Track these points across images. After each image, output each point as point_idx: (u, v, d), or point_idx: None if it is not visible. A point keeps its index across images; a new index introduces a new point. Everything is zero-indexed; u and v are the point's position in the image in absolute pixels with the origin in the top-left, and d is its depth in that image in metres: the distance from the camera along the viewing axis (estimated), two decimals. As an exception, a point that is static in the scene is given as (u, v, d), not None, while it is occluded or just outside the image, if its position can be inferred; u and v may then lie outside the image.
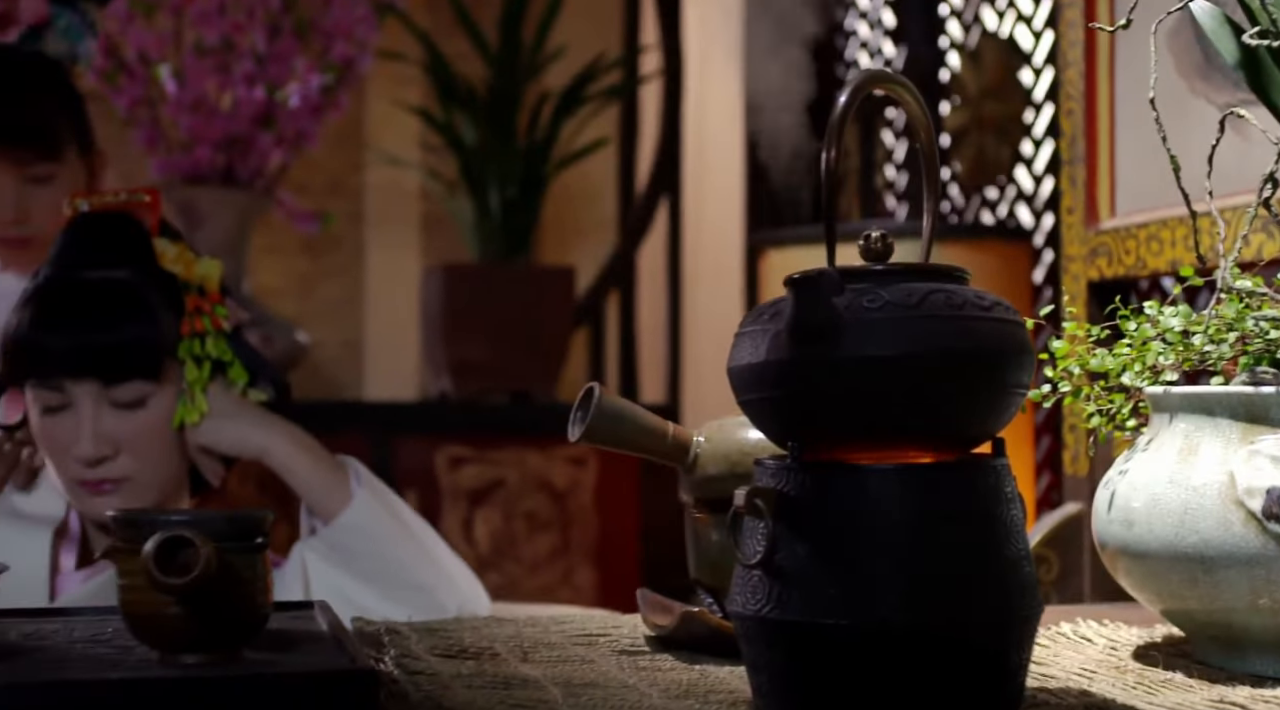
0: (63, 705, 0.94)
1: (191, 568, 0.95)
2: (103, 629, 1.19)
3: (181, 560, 0.96)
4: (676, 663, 1.33)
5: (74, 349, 1.73)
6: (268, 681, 0.95)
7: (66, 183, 2.22)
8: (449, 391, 3.60)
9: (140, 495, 1.76)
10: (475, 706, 1.08)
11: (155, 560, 0.94)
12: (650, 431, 1.39)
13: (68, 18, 2.21)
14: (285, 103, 3.50)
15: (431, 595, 1.79)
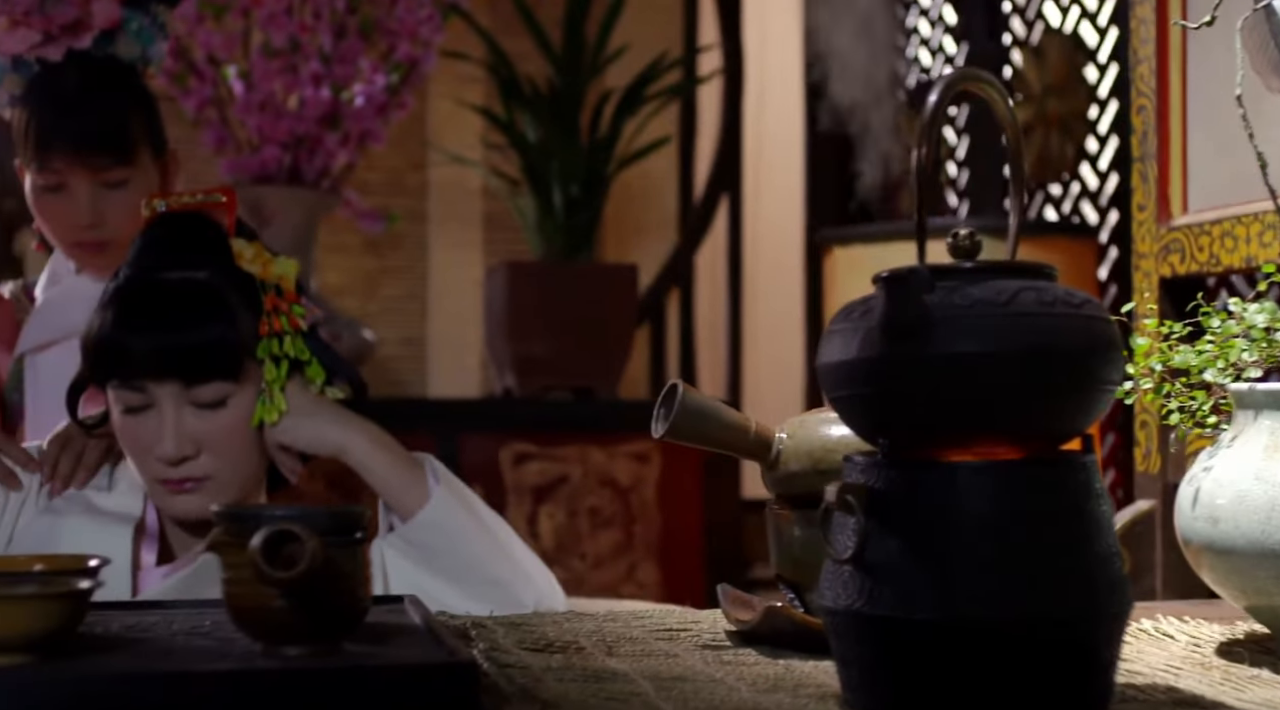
0: (174, 695, 0.96)
1: (297, 562, 0.97)
2: (200, 622, 1.21)
3: (287, 554, 0.98)
4: (760, 657, 1.34)
5: (156, 350, 1.73)
6: (372, 673, 0.96)
7: (141, 186, 2.23)
8: (513, 388, 3.63)
9: (221, 493, 1.78)
10: (570, 699, 1.10)
11: (263, 554, 0.96)
12: (733, 428, 1.40)
13: (139, 21, 2.22)
14: (351, 102, 3.53)
15: (509, 590, 1.79)
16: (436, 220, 4.57)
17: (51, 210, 2.20)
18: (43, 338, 2.27)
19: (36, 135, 2.16)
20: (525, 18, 3.69)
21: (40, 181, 2.18)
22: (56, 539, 1.78)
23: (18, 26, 2.17)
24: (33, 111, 2.18)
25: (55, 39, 2.18)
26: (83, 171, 2.17)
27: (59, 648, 1.03)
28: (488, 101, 4.11)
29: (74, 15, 2.17)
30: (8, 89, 2.23)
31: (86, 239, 2.22)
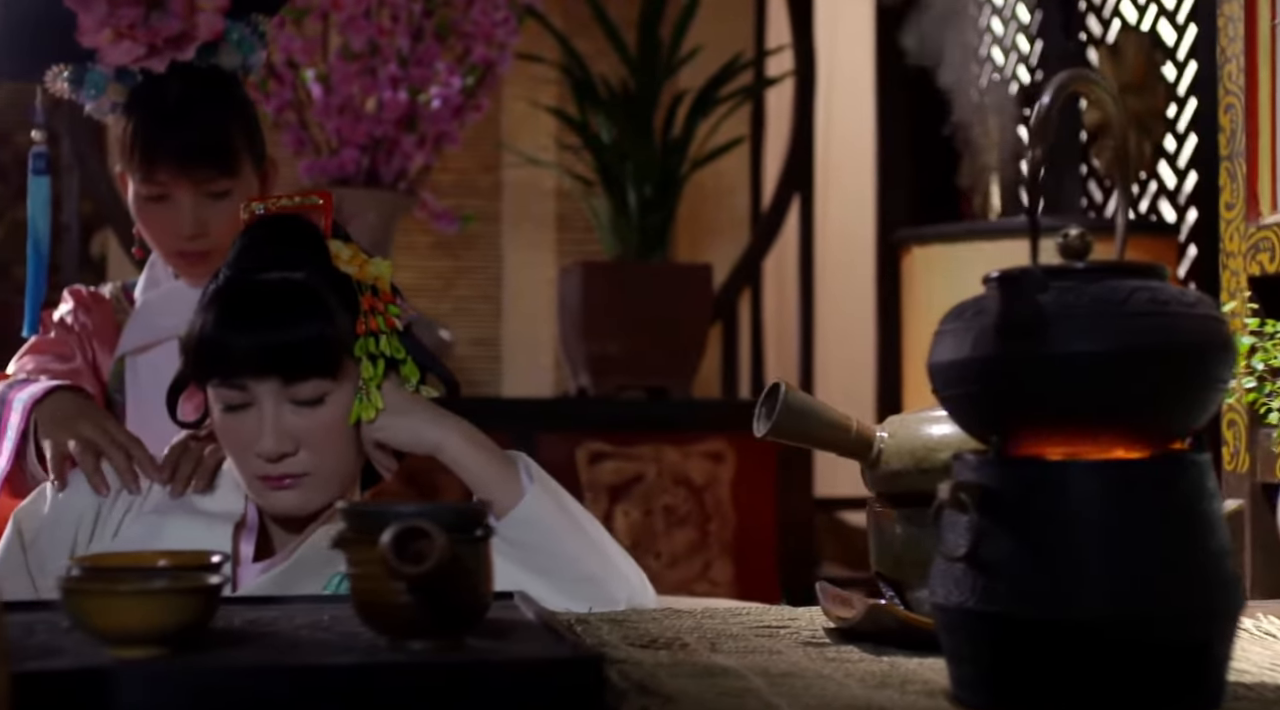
0: (303, 688, 0.98)
1: (425, 557, 0.99)
2: (320, 616, 1.23)
3: (415, 550, 1.00)
4: (864, 654, 1.35)
5: (257, 348, 1.75)
6: (501, 668, 0.98)
7: (242, 196, 2.24)
8: (588, 388, 3.65)
9: (319, 490, 1.80)
10: (687, 695, 1.11)
11: (393, 550, 0.98)
12: (835, 426, 1.42)
13: (240, 31, 2.24)
14: (427, 105, 3.56)
15: (602, 587, 1.81)
16: (510, 221, 4.60)
17: (155, 220, 2.23)
18: (142, 339, 2.31)
19: (141, 147, 2.18)
20: (600, 20, 3.71)
21: (144, 191, 2.21)
22: (159, 538, 1.80)
23: (122, 39, 2.20)
24: (137, 122, 2.20)
25: (159, 51, 2.20)
26: (187, 183, 2.19)
27: (190, 641, 1.06)
28: (560, 103, 4.13)
29: (179, 28, 2.19)
30: (111, 97, 2.25)
31: (189, 249, 2.24)
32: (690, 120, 3.71)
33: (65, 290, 2.36)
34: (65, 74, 2.24)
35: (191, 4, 2.22)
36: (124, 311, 2.34)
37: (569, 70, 3.77)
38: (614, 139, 3.69)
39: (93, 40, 2.20)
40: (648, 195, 3.67)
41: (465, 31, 3.58)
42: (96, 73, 2.23)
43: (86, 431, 1.89)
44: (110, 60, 2.20)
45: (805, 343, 4.16)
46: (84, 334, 2.31)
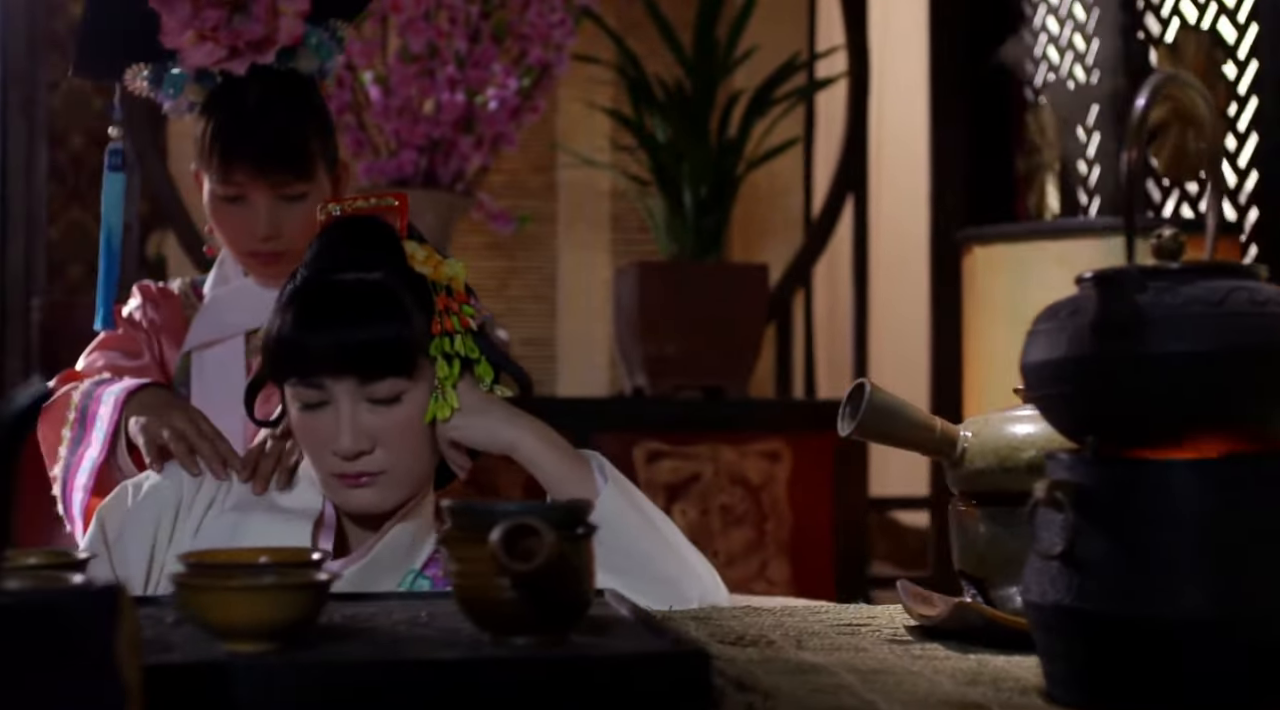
0: (414, 682, 1.00)
1: (534, 554, 1.01)
2: (417, 613, 1.25)
3: (523, 547, 1.01)
4: (949, 651, 1.36)
5: (335, 347, 1.76)
6: (610, 663, 1.00)
7: (317, 199, 2.26)
8: (644, 387, 3.66)
9: (394, 488, 1.81)
10: (783, 691, 1.12)
11: (504, 547, 0.99)
12: (919, 426, 1.43)
13: (318, 35, 2.26)
14: (484, 106, 3.58)
15: (676, 587, 1.82)
16: (565, 221, 4.62)
17: (230, 220, 2.25)
18: (209, 335, 2.33)
19: (220, 148, 2.20)
20: (657, 21, 3.72)
21: (220, 192, 2.23)
22: (241, 534, 1.82)
23: (205, 41, 2.22)
24: (216, 123, 2.22)
25: (240, 54, 2.22)
26: (263, 185, 2.21)
27: (297, 637, 1.08)
28: (615, 103, 4.15)
29: (261, 32, 2.21)
30: (189, 97, 2.28)
31: (262, 250, 2.26)
32: (746, 121, 3.72)
33: (134, 286, 2.39)
34: (145, 73, 2.27)
35: (273, 8, 2.24)
36: (192, 307, 2.37)
37: (624, 71, 3.78)
38: (669, 139, 3.70)
39: (175, 41, 2.23)
40: (703, 196, 3.68)
41: (521, 33, 3.60)
42: (176, 73, 2.26)
43: (178, 422, 1.92)
44: (192, 62, 2.23)
45: (859, 343, 4.16)
46: (152, 329, 2.34)
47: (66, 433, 2.12)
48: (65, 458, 2.09)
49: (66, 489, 2.09)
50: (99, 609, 0.84)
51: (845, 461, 3.66)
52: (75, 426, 2.11)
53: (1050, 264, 2.73)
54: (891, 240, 4.56)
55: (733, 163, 3.71)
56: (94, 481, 2.05)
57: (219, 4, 2.22)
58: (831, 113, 4.98)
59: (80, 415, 2.10)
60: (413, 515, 1.84)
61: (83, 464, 2.06)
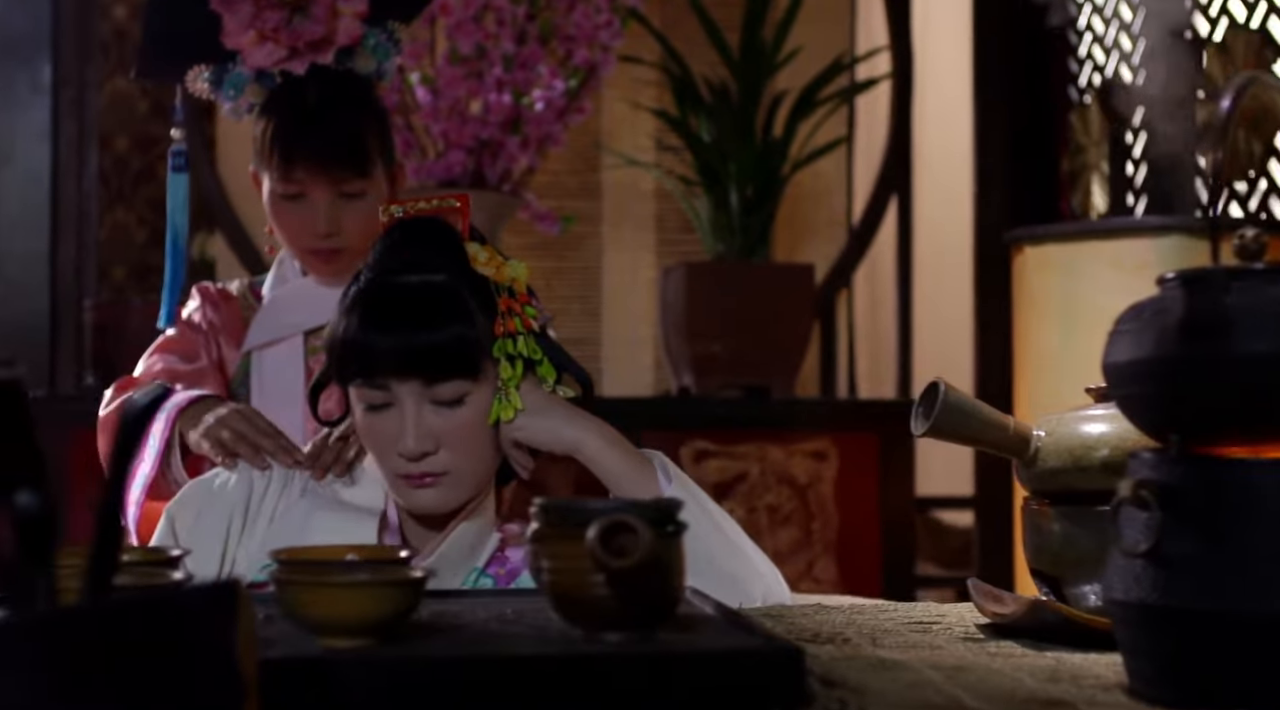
0: (513, 678, 1.01)
1: (629, 551, 1.02)
2: (502, 609, 1.27)
3: (618, 544, 1.03)
4: (1025, 649, 1.37)
5: (400, 349, 1.77)
6: (708, 658, 1.01)
7: (375, 197, 2.30)
8: (690, 387, 3.68)
9: (458, 488, 1.82)
10: (871, 687, 1.14)
11: (601, 544, 1.01)
12: (993, 425, 1.44)
13: (376, 36, 2.29)
14: (531, 107, 3.60)
15: (741, 586, 1.82)
16: (609, 221, 4.64)
17: (290, 218, 2.28)
18: (268, 336, 2.36)
19: (281, 146, 2.23)
20: (704, 22, 3.73)
21: (281, 190, 2.26)
22: (310, 530, 1.84)
23: (265, 41, 2.25)
24: (277, 122, 2.25)
25: (300, 54, 2.25)
26: (323, 182, 2.24)
27: (394, 633, 1.09)
28: (659, 103, 4.16)
29: (320, 32, 2.24)
30: (249, 98, 2.31)
31: (322, 247, 2.29)
32: (791, 121, 3.73)
33: (194, 287, 2.41)
34: (206, 75, 2.30)
35: (333, 9, 2.27)
36: (251, 308, 2.39)
37: (670, 72, 3.79)
38: (714, 139, 3.71)
39: (236, 42, 2.26)
40: (749, 195, 3.69)
41: (567, 34, 3.62)
42: (237, 74, 2.29)
43: (236, 424, 1.94)
44: (253, 62, 2.25)
45: (904, 342, 4.17)
46: (211, 330, 2.36)
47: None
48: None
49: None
50: (219, 605, 0.86)
51: (891, 461, 3.67)
52: None
53: (1102, 264, 2.74)
54: (931, 240, 4.56)
55: (778, 163, 3.72)
56: (145, 495, 2.07)
57: (279, 5, 2.25)
58: (871, 112, 4.98)
59: None
60: (475, 515, 1.85)
61: (136, 478, 2.09)
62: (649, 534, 1.02)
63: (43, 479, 0.84)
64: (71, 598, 0.91)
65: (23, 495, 0.84)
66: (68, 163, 3.80)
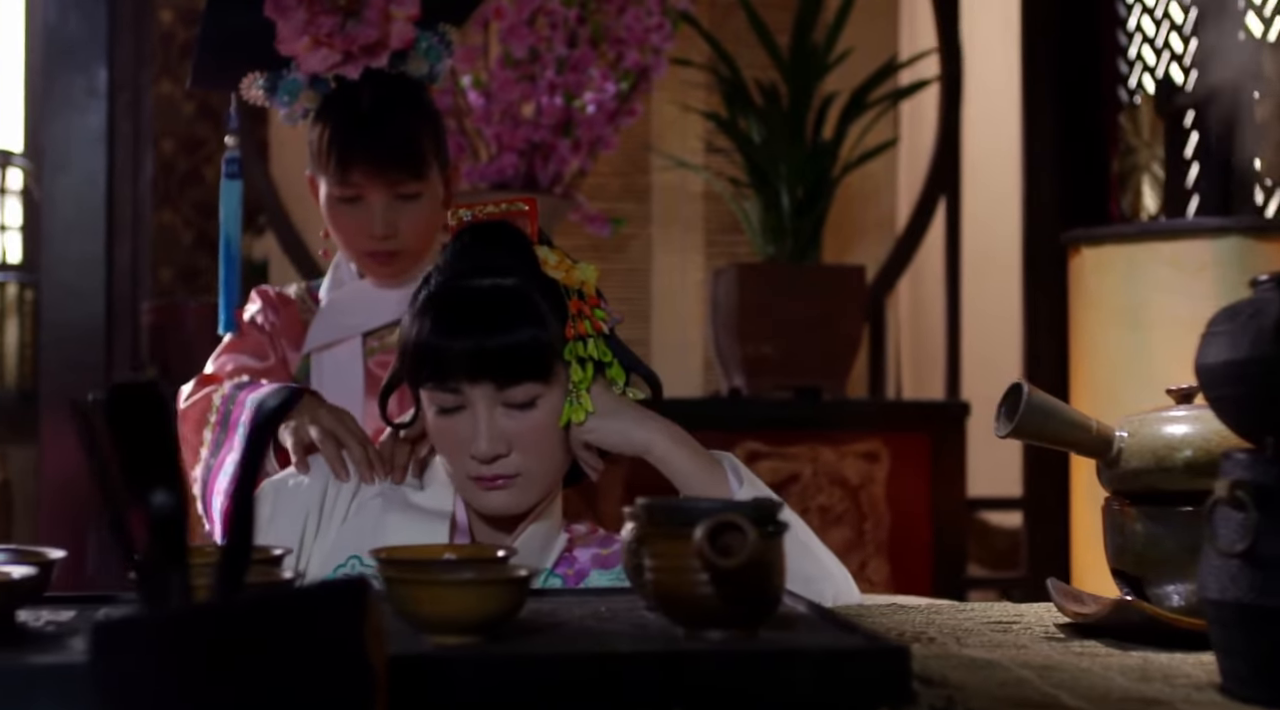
0: (625, 674, 1.03)
1: (734, 550, 1.03)
2: (596, 608, 1.28)
3: (723, 544, 1.04)
4: (1109, 648, 1.38)
5: (472, 353, 1.78)
6: (816, 656, 1.02)
7: (431, 199, 2.32)
8: (741, 388, 3.69)
9: (529, 490, 1.83)
10: (969, 685, 1.15)
11: (709, 543, 1.02)
12: (1076, 426, 1.45)
13: (429, 39, 2.31)
14: (582, 110, 3.62)
15: (812, 586, 1.83)
16: (659, 223, 4.65)
17: (346, 220, 2.30)
18: (327, 337, 2.38)
19: (338, 149, 2.25)
20: (756, 26, 3.74)
21: (338, 193, 2.28)
22: (383, 532, 1.85)
23: (320, 47, 2.27)
24: (333, 126, 2.28)
25: (354, 59, 2.28)
26: (379, 184, 2.27)
27: (501, 630, 1.11)
28: (708, 105, 4.17)
29: (374, 36, 2.26)
30: (303, 103, 2.33)
31: (379, 249, 2.31)
32: (842, 123, 3.74)
33: (253, 291, 2.44)
34: (260, 81, 2.32)
35: (386, 13, 2.29)
36: (309, 311, 2.41)
37: (719, 73, 3.81)
38: (764, 141, 3.72)
39: (291, 48, 2.28)
40: (799, 197, 3.70)
41: (618, 37, 3.63)
42: (291, 80, 2.31)
43: (327, 422, 1.95)
44: (308, 67, 2.27)
45: (952, 344, 4.17)
46: (273, 332, 2.38)
47: (208, 434, 2.16)
48: (206, 459, 2.14)
49: (207, 491, 2.14)
50: (348, 602, 0.87)
51: (942, 461, 3.67)
52: (217, 428, 2.15)
53: (1161, 264, 2.74)
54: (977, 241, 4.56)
55: (829, 164, 3.72)
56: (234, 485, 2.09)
57: (333, 10, 2.27)
58: (916, 114, 4.98)
59: (222, 418, 2.14)
60: (544, 516, 1.86)
61: (225, 466, 2.11)
62: (754, 533, 1.03)
63: (177, 479, 0.86)
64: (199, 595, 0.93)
65: (158, 494, 0.85)
66: (123, 166, 3.83)
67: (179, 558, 0.88)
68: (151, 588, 0.87)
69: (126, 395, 0.83)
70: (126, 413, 0.83)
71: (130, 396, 0.83)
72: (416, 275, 2.41)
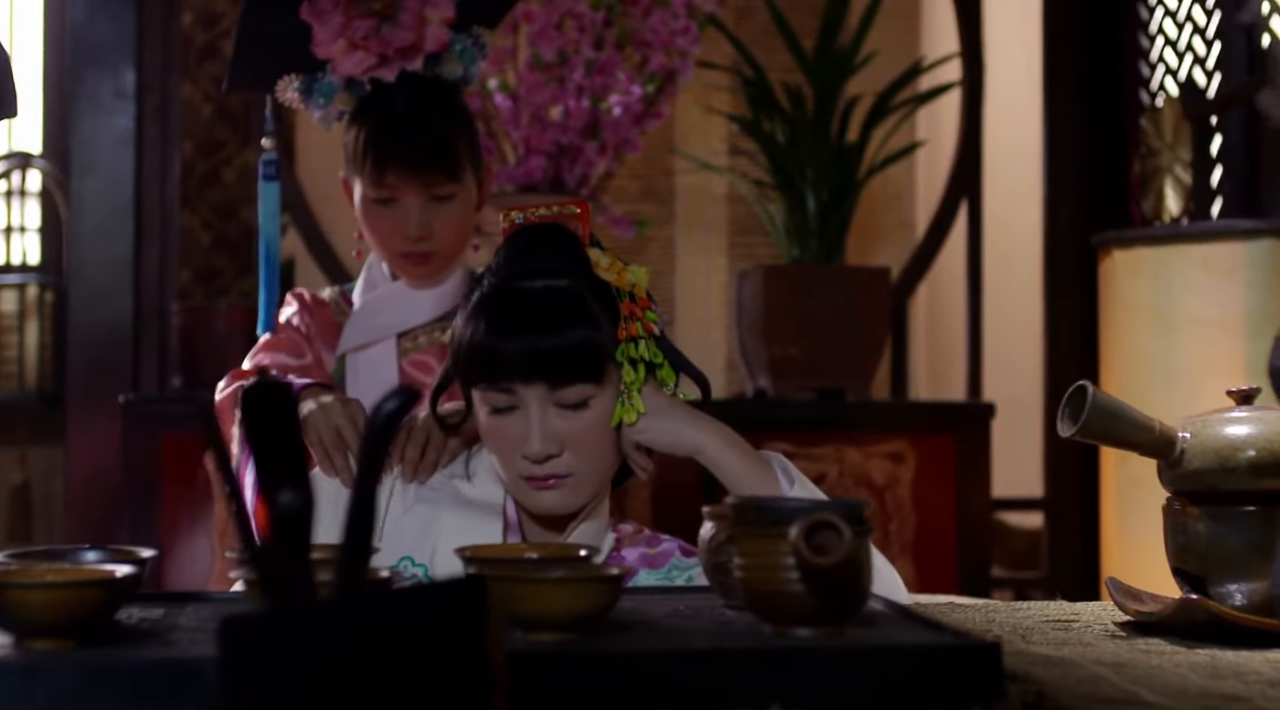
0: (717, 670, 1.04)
1: (829, 549, 1.05)
2: (675, 606, 1.30)
3: (817, 543, 1.06)
4: (1175, 646, 1.40)
5: (527, 353, 1.80)
6: (913, 653, 1.04)
7: (465, 200, 2.35)
8: (767, 389, 3.70)
9: (580, 490, 1.85)
10: (1049, 681, 1.16)
11: (805, 542, 1.04)
12: (1140, 427, 1.46)
13: (463, 42, 2.33)
14: (608, 112, 3.64)
15: (863, 584, 1.85)
16: (682, 225, 4.67)
17: (382, 222, 2.32)
18: (361, 338, 2.40)
19: (374, 151, 2.28)
20: (782, 30, 3.76)
21: (373, 194, 2.31)
22: (437, 529, 1.86)
23: (356, 50, 2.29)
24: (369, 128, 2.30)
25: (390, 61, 2.30)
26: (415, 186, 2.29)
27: (595, 628, 1.13)
28: (732, 107, 4.19)
29: (409, 39, 2.28)
30: (339, 106, 2.35)
31: (414, 250, 2.33)
32: (867, 126, 3.75)
33: (288, 294, 2.46)
34: (295, 84, 2.34)
35: (421, 16, 2.31)
36: (343, 313, 2.44)
37: (744, 76, 3.82)
38: (789, 143, 3.74)
39: (327, 51, 2.30)
40: (825, 200, 3.72)
41: (643, 40, 3.65)
42: (327, 82, 2.33)
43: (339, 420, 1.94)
44: (343, 70, 2.30)
45: (973, 345, 4.18)
46: (309, 334, 2.40)
47: (235, 430, 2.17)
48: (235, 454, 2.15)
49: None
50: (468, 599, 0.89)
51: (967, 463, 3.69)
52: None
53: (1193, 266, 2.76)
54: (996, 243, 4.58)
55: (853, 167, 3.74)
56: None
57: (369, 14, 2.29)
58: (935, 115, 5.00)
59: None
60: (593, 516, 1.87)
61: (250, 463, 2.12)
62: (850, 532, 1.05)
63: (304, 478, 0.88)
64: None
65: (285, 493, 0.87)
66: (151, 168, 3.85)
67: (303, 555, 0.89)
68: (276, 584, 0.89)
69: (260, 396, 0.85)
70: (259, 413, 0.85)
71: (263, 397, 0.85)
72: (450, 276, 2.43)
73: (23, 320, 4.99)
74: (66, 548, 1.25)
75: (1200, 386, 2.53)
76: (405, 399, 0.90)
